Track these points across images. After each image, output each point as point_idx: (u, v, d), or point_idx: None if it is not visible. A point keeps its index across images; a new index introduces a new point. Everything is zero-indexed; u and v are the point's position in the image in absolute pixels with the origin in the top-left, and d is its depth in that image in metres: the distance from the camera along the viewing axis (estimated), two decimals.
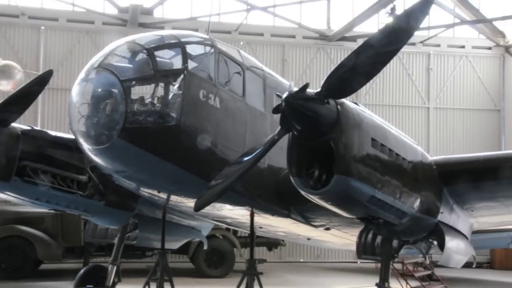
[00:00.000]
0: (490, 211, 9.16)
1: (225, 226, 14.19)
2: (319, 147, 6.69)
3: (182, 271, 19.05)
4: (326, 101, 6.55)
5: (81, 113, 7.65)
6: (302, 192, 6.94)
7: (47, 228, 17.43)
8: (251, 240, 9.94)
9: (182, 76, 7.93)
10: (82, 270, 12.12)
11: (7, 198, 10.25)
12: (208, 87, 8.16)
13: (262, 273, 9.65)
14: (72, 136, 8.17)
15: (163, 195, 9.17)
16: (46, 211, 13.29)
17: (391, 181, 7.22)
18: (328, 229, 10.01)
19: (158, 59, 7.93)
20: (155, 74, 7.88)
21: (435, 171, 8.18)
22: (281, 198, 9.20)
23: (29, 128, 9.97)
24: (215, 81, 8.36)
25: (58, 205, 10.13)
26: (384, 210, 7.27)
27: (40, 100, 22.58)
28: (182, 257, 20.30)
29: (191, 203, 8.46)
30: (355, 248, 8.35)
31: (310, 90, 6.57)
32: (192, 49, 8.46)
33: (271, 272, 18.18)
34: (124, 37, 8.57)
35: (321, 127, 6.58)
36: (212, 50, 8.64)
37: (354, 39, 25.44)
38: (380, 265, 8.24)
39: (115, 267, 11.04)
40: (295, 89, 6.70)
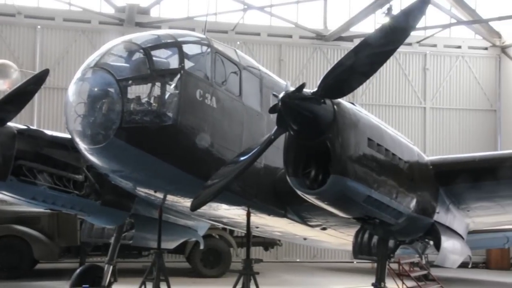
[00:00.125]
0: (486, 211, 9.18)
1: (222, 226, 14.19)
2: (315, 147, 6.70)
3: (178, 271, 19.02)
4: (322, 101, 6.56)
5: (77, 112, 7.64)
6: (299, 192, 6.94)
7: (43, 227, 17.35)
8: (247, 240, 9.94)
9: (178, 75, 7.93)
10: (78, 270, 12.11)
11: (3, 198, 10.24)
12: (205, 86, 8.16)
13: (258, 273, 9.67)
14: (69, 136, 8.16)
15: (160, 195, 9.17)
16: (42, 210, 13.30)
17: (387, 181, 7.22)
18: (324, 229, 10.02)
19: (154, 58, 7.92)
20: (152, 73, 7.87)
21: (431, 171, 8.19)
22: (278, 198, 9.20)
23: (25, 127, 9.96)
24: (211, 80, 8.36)
25: (54, 204, 10.11)
26: (380, 210, 7.28)
27: (36, 100, 22.53)
28: (178, 257, 20.28)
29: (187, 202, 8.46)
30: (352, 248, 8.37)
31: (307, 90, 6.58)
32: (188, 49, 8.46)
33: (267, 272, 18.17)
34: (121, 37, 8.55)
35: (318, 127, 6.58)
36: (209, 49, 8.64)
37: (350, 39, 25.48)
38: (376, 265, 8.25)
39: (111, 267, 11.04)
40: (292, 89, 6.70)
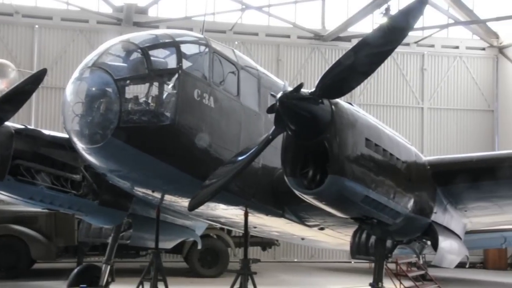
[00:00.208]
0: (484, 211, 9.19)
1: (219, 225, 14.18)
2: (313, 147, 6.70)
3: (176, 270, 19.01)
4: (320, 101, 6.56)
5: (75, 112, 7.63)
6: (296, 192, 6.94)
7: (40, 227, 17.34)
8: (245, 239, 9.94)
9: (176, 75, 7.93)
10: (76, 270, 12.09)
11: (1, 197, 10.22)
12: (203, 86, 8.15)
13: (256, 273, 9.66)
14: (66, 135, 8.15)
15: (157, 195, 9.17)
16: (40, 210, 13.29)
17: (385, 181, 7.23)
18: (322, 229, 10.02)
19: (152, 58, 7.92)
20: (150, 73, 7.86)
21: (428, 171, 8.19)
22: (276, 197, 9.20)
23: (23, 127, 9.94)
24: (209, 80, 8.35)
25: (52, 204, 10.09)
26: (378, 210, 7.28)
27: (34, 99, 22.51)
28: (176, 256, 20.27)
29: (185, 202, 8.46)
30: (349, 248, 8.38)
31: (305, 90, 6.58)
32: (186, 49, 8.45)
33: (265, 272, 18.16)
34: (119, 36, 8.54)
35: (315, 127, 6.59)
36: (207, 49, 8.63)
37: (348, 39, 25.47)
38: (374, 265, 8.26)
39: (108, 267, 11.01)
40: (290, 89, 6.70)
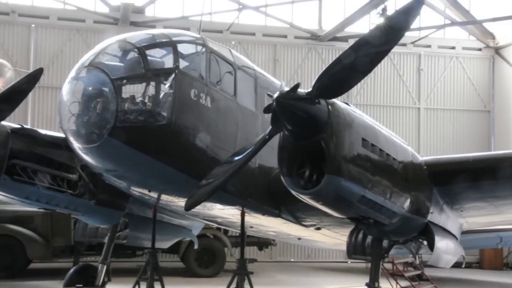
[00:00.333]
0: (480, 211, 9.21)
1: (216, 225, 14.17)
2: (310, 147, 6.71)
3: (172, 270, 19.00)
4: (317, 101, 6.57)
5: (71, 111, 7.62)
6: (293, 192, 6.95)
7: (36, 227, 17.28)
8: (241, 239, 9.95)
9: (173, 75, 7.93)
10: (72, 269, 12.04)
11: None
12: (200, 86, 8.15)
13: (252, 273, 9.68)
14: (63, 135, 8.14)
15: (154, 194, 9.16)
16: (36, 210, 13.24)
17: (381, 181, 7.24)
18: (318, 228, 10.03)
19: (149, 58, 7.92)
20: (146, 73, 7.86)
21: (425, 171, 8.20)
22: (272, 197, 9.20)
23: (19, 126, 9.90)
24: (206, 80, 8.35)
25: (48, 204, 10.06)
26: (375, 210, 7.29)
27: (30, 98, 22.45)
28: (172, 256, 20.25)
29: (181, 202, 8.45)
30: (346, 248, 8.39)
31: (301, 90, 6.59)
32: (183, 48, 8.45)
33: (261, 272, 18.18)
34: (116, 36, 8.53)
35: (312, 127, 6.59)
36: (204, 49, 8.63)
37: (345, 39, 25.49)
38: (370, 265, 8.27)
39: (105, 267, 10.99)
40: (286, 89, 6.71)
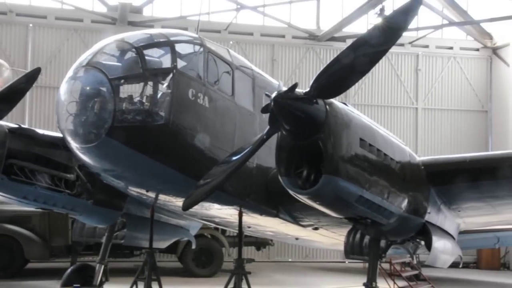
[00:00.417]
0: (477, 211, 9.22)
1: (214, 225, 14.17)
2: (307, 147, 6.71)
3: (170, 270, 19.00)
4: (315, 101, 6.58)
5: (69, 111, 7.61)
6: (291, 192, 6.95)
7: (34, 226, 17.26)
8: (239, 239, 9.95)
9: (171, 75, 7.92)
10: (70, 269, 12.03)
11: None
12: (197, 86, 8.15)
13: (250, 273, 9.68)
14: (60, 135, 8.13)
15: (152, 194, 9.16)
16: (34, 209, 13.24)
17: (379, 181, 7.25)
18: (316, 228, 10.03)
19: (147, 57, 7.91)
20: (144, 72, 7.85)
21: (422, 171, 8.21)
22: (270, 197, 9.20)
23: (16, 126, 9.89)
24: (204, 80, 8.35)
25: (46, 203, 10.05)
26: (372, 210, 7.30)
27: (28, 98, 22.42)
28: (170, 256, 20.24)
29: (179, 202, 8.45)
30: (343, 248, 8.40)
31: (299, 90, 6.59)
32: (181, 48, 8.44)
33: (259, 272, 18.17)
34: (113, 36, 8.52)
35: (310, 127, 6.59)
36: (202, 49, 8.63)
37: (343, 39, 25.51)
38: (367, 265, 8.28)
39: (102, 266, 10.99)
40: (284, 88, 6.71)
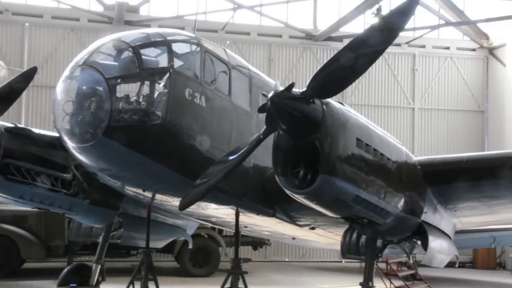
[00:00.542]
0: (473, 211, 9.24)
1: (211, 225, 14.16)
2: (304, 146, 6.71)
3: (167, 270, 19.00)
4: (311, 100, 6.58)
5: (65, 111, 7.60)
6: (287, 192, 6.95)
7: (30, 226, 17.22)
8: (236, 239, 9.95)
9: (167, 74, 7.92)
10: (66, 269, 11.99)
11: None
12: (194, 85, 8.14)
13: (247, 272, 9.68)
14: (57, 134, 8.11)
15: (148, 194, 9.15)
16: (30, 209, 13.20)
17: (375, 181, 7.25)
18: (313, 228, 10.04)
19: (143, 57, 7.90)
20: (141, 72, 7.84)
21: (419, 171, 8.23)
22: (267, 197, 9.21)
23: (12, 125, 9.87)
24: (201, 79, 8.35)
25: (42, 203, 10.02)
26: (369, 210, 7.31)
27: (24, 98, 22.38)
28: (167, 256, 20.24)
29: (176, 202, 8.44)
30: (340, 247, 8.41)
31: (296, 90, 6.59)
32: (178, 48, 8.44)
33: (256, 272, 18.19)
34: (110, 35, 8.51)
35: (306, 126, 6.60)
36: (198, 48, 8.62)
37: (340, 39, 25.52)
38: (364, 264, 8.29)
39: (99, 266, 10.96)
40: (281, 88, 6.71)
